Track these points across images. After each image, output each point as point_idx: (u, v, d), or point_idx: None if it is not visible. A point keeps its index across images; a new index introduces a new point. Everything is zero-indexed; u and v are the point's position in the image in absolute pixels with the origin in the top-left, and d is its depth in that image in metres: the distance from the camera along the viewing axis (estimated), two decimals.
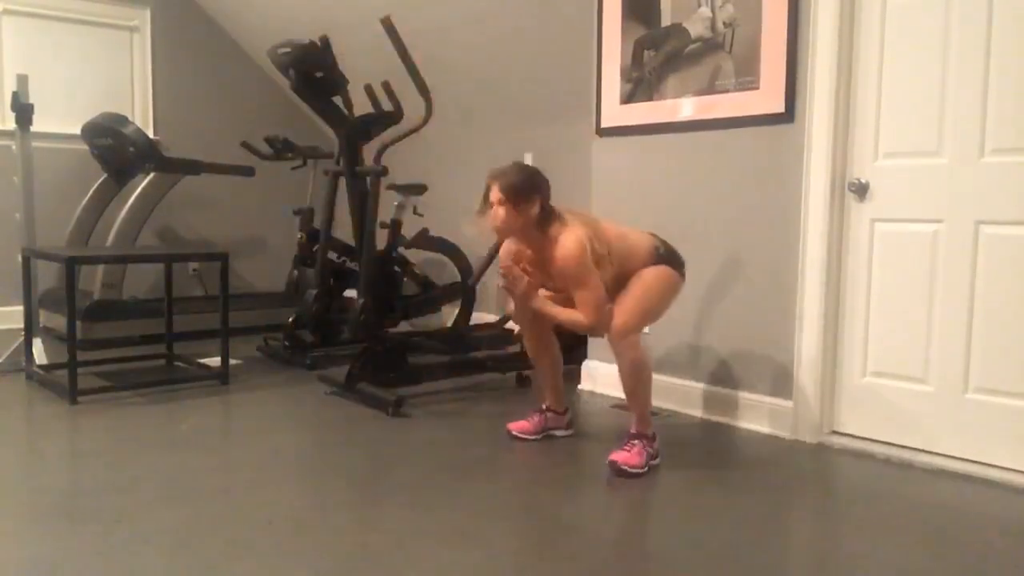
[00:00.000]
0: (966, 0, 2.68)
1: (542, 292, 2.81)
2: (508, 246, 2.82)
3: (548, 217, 2.66)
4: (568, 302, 2.73)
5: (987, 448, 2.72)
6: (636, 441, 2.71)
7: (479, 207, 2.72)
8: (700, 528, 2.26)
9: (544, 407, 3.08)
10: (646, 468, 2.67)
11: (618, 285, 2.72)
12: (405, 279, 4.37)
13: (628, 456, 2.67)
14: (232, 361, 3.96)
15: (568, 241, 2.59)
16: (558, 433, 3.08)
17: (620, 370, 2.70)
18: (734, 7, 3.19)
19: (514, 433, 3.04)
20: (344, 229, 4.64)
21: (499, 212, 2.64)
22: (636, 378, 2.69)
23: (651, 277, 2.72)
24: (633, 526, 2.28)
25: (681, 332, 3.49)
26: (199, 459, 2.76)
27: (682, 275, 2.81)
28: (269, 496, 2.43)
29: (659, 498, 2.50)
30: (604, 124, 3.73)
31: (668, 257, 2.78)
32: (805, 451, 2.99)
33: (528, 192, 2.63)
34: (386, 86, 3.64)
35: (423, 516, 2.30)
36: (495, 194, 2.64)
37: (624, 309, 2.66)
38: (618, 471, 2.64)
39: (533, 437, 3.03)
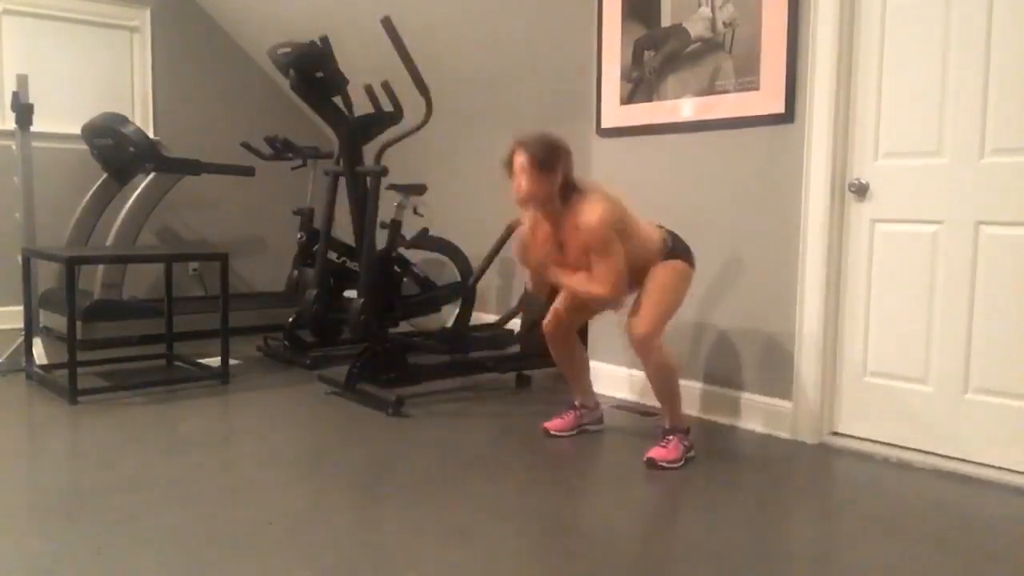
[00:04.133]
0: (966, 0, 2.68)
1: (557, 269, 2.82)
2: (527, 218, 2.83)
3: (570, 189, 2.66)
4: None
5: (987, 448, 2.72)
6: (671, 437, 2.79)
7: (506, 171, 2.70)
8: (700, 528, 2.26)
9: (577, 404, 3.17)
10: (683, 461, 2.76)
11: (631, 273, 2.72)
12: (405, 279, 4.37)
13: (665, 452, 2.75)
14: (232, 361, 3.96)
15: (593, 210, 2.59)
16: (591, 428, 3.18)
17: (647, 374, 2.77)
18: (734, 7, 3.19)
19: (551, 431, 3.10)
20: (344, 229, 4.65)
21: (521, 181, 2.63)
22: (664, 380, 2.76)
23: (664, 276, 2.75)
24: (633, 526, 2.28)
25: (681, 332, 3.49)
26: (199, 459, 2.77)
27: (692, 264, 2.86)
28: (269, 496, 2.43)
29: (659, 498, 2.50)
30: (604, 124, 3.73)
31: (677, 249, 2.82)
32: (805, 451, 2.99)
33: (552, 162, 2.61)
34: (386, 86, 3.64)
35: (423, 516, 2.30)
36: (518, 162, 2.63)
37: (644, 317, 2.68)
38: (654, 466, 2.72)
39: (568, 433, 3.11)
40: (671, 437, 2.80)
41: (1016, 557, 2.10)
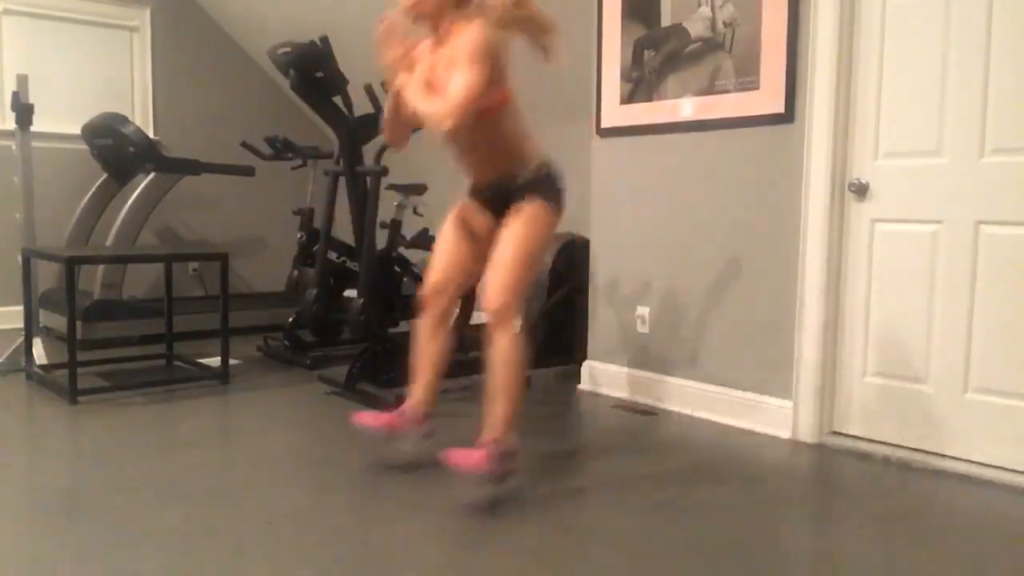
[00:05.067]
0: (966, 0, 2.68)
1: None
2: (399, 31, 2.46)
3: (466, 5, 2.39)
4: None
5: (987, 448, 2.71)
6: (489, 445, 2.32)
7: None
8: (700, 528, 2.26)
9: (405, 408, 2.61)
10: (494, 478, 2.31)
11: (489, 148, 2.44)
12: (405, 279, 4.37)
13: (468, 457, 2.29)
14: (232, 361, 3.96)
15: (484, 25, 2.30)
16: (407, 445, 2.63)
17: (493, 358, 2.32)
18: (734, 7, 3.19)
19: (362, 423, 2.58)
20: (344, 229, 4.64)
21: None
22: (509, 368, 2.32)
23: (527, 229, 2.37)
24: (632, 526, 2.28)
25: (681, 332, 3.49)
26: (199, 459, 2.77)
27: (560, 208, 2.47)
28: (269, 496, 2.43)
29: (658, 498, 2.50)
30: (604, 124, 3.73)
31: (547, 182, 2.44)
32: (805, 451, 2.99)
33: None
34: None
35: (423, 516, 2.30)
36: None
37: (501, 283, 2.31)
38: (453, 466, 2.28)
39: (376, 430, 2.57)
40: (488, 446, 2.31)
41: (1016, 557, 2.10)
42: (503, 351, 2.33)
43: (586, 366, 3.90)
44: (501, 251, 2.36)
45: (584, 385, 3.89)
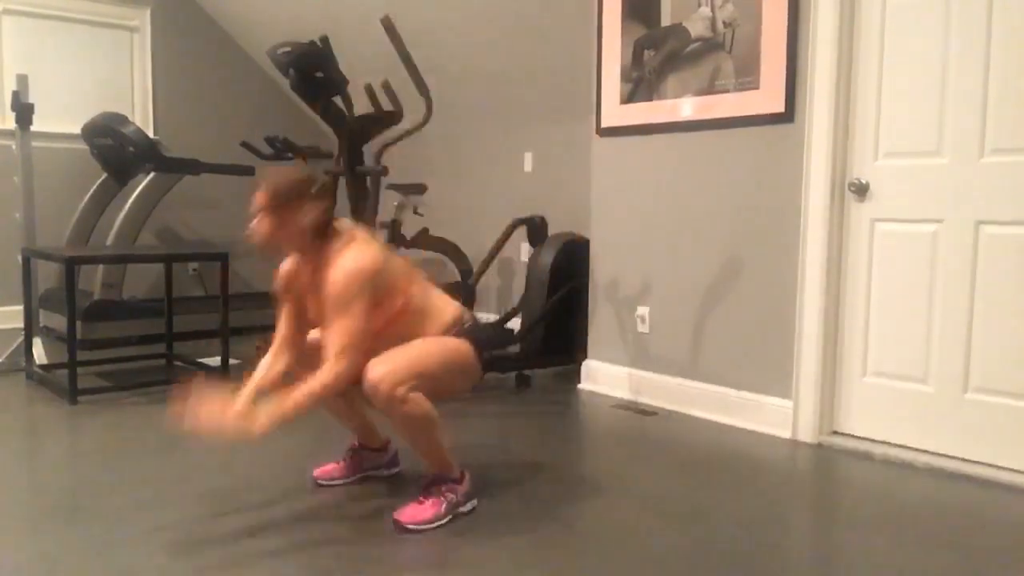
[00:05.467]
0: (966, 0, 2.68)
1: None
2: (286, 267, 2.40)
3: (327, 231, 2.25)
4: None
5: (987, 448, 2.72)
6: (433, 489, 2.29)
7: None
8: (700, 528, 2.26)
9: (357, 445, 2.64)
10: (447, 517, 2.27)
11: (397, 342, 2.23)
12: None
13: (418, 511, 2.24)
14: (232, 361, 3.96)
15: (353, 254, 2.16)
16: (383, 472, 2.67)
17: (395, 428, 2.25)
18: (734, 7, 3.19)
19: (319, 480, 2.57)
20: None
21: (259, 220, 2.22)
22: (415, 432, 2.21)
23: (436, 340, 2.27)
24: (632, 526, 2.28)
25: (681, 332, 3.49)
26: (199, 459, 2.77)
27: (480, 358, 2.34)
28: (269, 496, 2.43)
29: (658, 498, 2.50)
30: (604, 124, 3.73)
31: (471, 334, 2.34)
32: (805, 451, 2.99)
33: (297, 198, 2.20)
34: (386, 86, 3.64)
35: None
36: (256, 199, 2.23)
37: (386, 359, 2.14)
38: (403, 529, 2.21)
39: (343, 481, 2.59)
40: (432, 490, 2.29)
41: (1017, 557, 2.10)
42: (400, 426, 2.19)
43: (586, 366, 3.91)
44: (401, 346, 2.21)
45: (584, 385, 3.89)
